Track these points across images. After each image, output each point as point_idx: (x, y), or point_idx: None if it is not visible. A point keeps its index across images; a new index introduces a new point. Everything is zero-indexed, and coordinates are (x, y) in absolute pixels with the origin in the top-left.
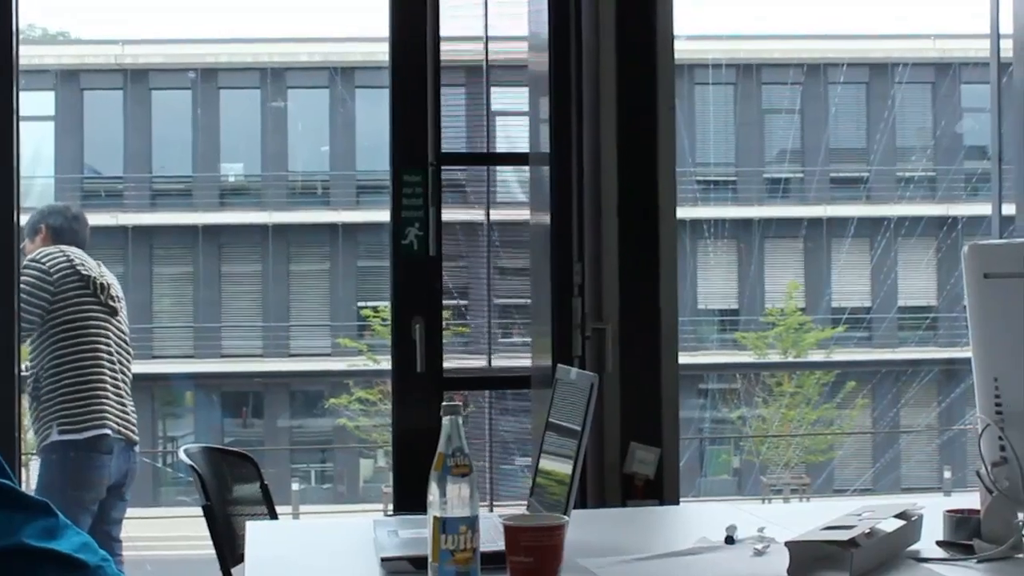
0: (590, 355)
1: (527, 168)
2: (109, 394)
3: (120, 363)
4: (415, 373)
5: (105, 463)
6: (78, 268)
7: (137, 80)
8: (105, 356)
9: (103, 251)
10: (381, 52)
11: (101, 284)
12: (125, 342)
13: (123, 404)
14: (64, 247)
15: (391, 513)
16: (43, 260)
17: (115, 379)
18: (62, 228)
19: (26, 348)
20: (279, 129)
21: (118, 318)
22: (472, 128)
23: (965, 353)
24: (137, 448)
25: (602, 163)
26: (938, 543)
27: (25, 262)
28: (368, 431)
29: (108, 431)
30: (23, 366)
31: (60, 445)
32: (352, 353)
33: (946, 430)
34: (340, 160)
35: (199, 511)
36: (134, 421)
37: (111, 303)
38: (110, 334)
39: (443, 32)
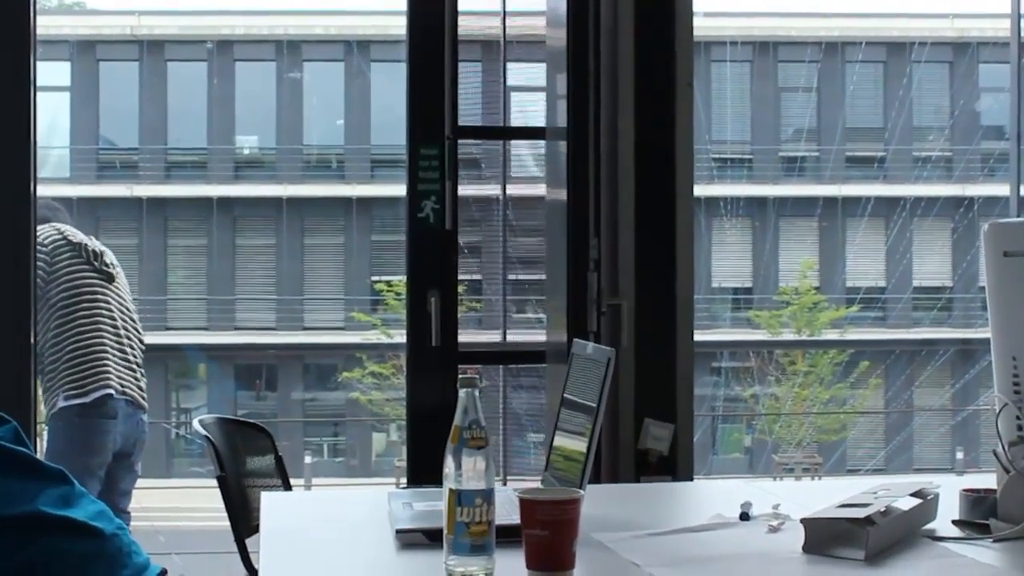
0: (605, 331)
1: (543, 144)
2: (109, 356)
3: (124, 328)
4: (430, 347)
5: (111, 427)
6: (68, 238)
7: (153, 51)
8: (106, 320)
9: (117, 223)
10: (398, 25)
11: (93, 251)
12: (127, 307)
13: (130, 368)
14: (53, 223)
15: (404, 486)
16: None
17: (119, 343)
18: (44, 215)
19: None
20: (294, 102)
21: (116, 284)
22: (488, 103)
23: (980, 334)
24: (145, 417)
25: (619, 139)
26: (954, 522)
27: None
28: (381, 405)
29: (112, 391)
30: None
31: (66, 411)
32: (366, 327)
33: (960, 411)
34: (355, 134)
35: (213, 482)
36: (142, 385)
37: (106, 268)
38: (109, 299)
39: (461, 6)
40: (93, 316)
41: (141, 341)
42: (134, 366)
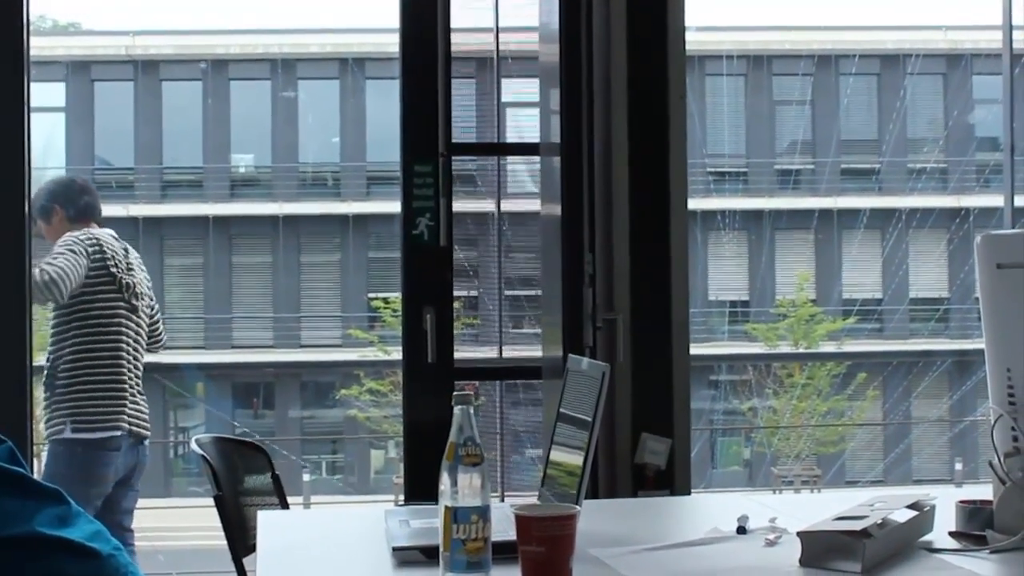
0: (601, 345)
1: (537, 160)
2: (126, 395)
3: (135, 359)
4: (426, 363)
5: (113, 460)
6: (108, 265)
7: (148, 71)
8: (127, 356)
9: None
10: (392, 43)
11: (126, 284)
12: (142, 337)
13: (136, 403)
14: (95, 233)
15: (402, 503)
16: (86, 242)
17: (134, 379)
18: (76, 206)
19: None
20: (290, 120)
21: (139, 315)
22: (482, 119)
23: (977, 345)
24: (147, 443)
25: (613, 154)
26: (951, 534)
27: (67, 240)
28: (379, 422)
29: (120, 432)
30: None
31: (70, 442)
32: (363, 344)
33: (957, 422)
34: (350, 151)
35: (211, 501)
36: (146, 417)
37: (134, 301)
38: (131, 331)
39: (454, 23)
40: (115, 349)
41: (143, 364)
42: (139, 399)
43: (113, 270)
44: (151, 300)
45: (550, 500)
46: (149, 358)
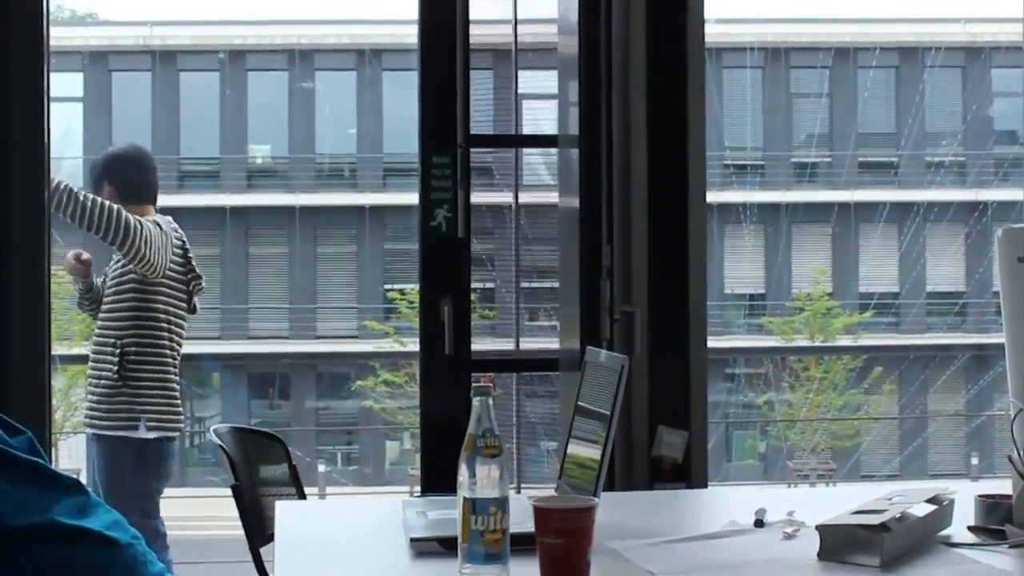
0: (618, 338)
1: (555, 152)
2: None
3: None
4: (443, 355)
5: (175, 452)
6: (190, 258)
7: (165, 62)
8: (179, 350)
9: None
10: (410, 34)
11: (200, 286)
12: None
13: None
14: (162, 225)
15: (418, 495)
16: (169, 227)
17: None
18: (127, 181)
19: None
20: (307, 111)
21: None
22: (500, 111)
23: (994, 339)
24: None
25: (631, 146)
26: (969, 528)
27: (150, 225)
28: (394, 413)
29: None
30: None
31: (141, 440)
32: (379, 335)
33: (974, 416)
34: (367, 142)
35: (228, 491)
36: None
37: (195, 298)
38: (184, 328)
39: (472, 15)
40: (178, 351)
41: None
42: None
43: (193, 264)
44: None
45: (568, 492)
46: None
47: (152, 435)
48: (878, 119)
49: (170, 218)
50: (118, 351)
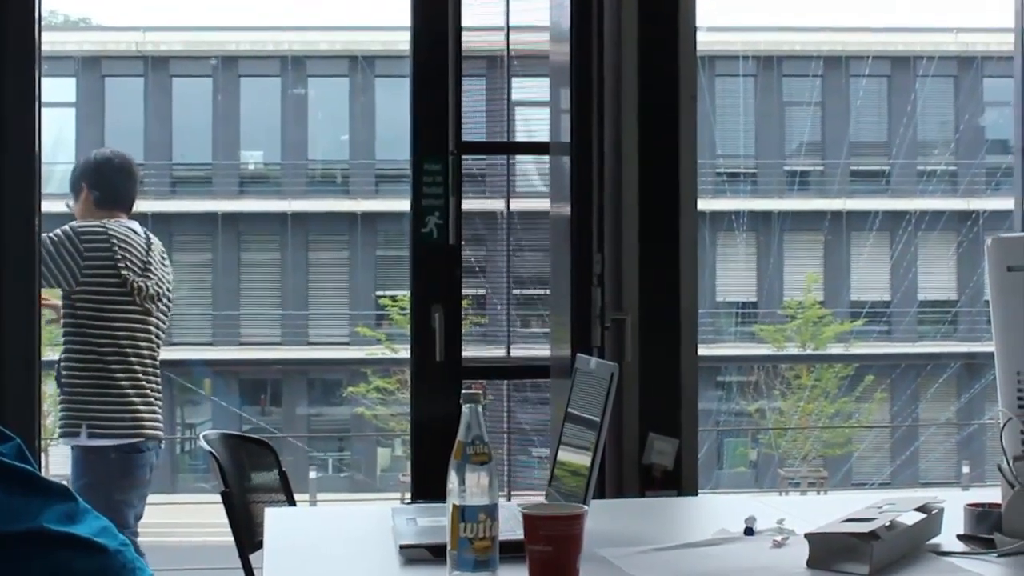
0: (609, 345)
1: (547, 159)
2: (145, 398)
3: (150, 362)
4: (434, 362)
5: (147, 460)
6: (119, 266)
7: (158, 67)
8: (135, 357)
9: None
10: (402, 41)
11: (138, 287)
12: (158, 339)
13: (153, 407)
14: (109, 225)
15: (409, 502)
16: (82, 236)
17: (149, 380)
18: (106, 186)
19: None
20: (299, 117)
21: (155, 316)
22: (492, 118)
23: (986, 348)
24: (162, 445)
25: (623, 153)
26: (959, 537)
27: (66, 229)
28: (386, 420)
29: (142, 437)
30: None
31: (101, 449)
32: (370, 342)
33: (966, 425)
34: (360, 149)
35: (218, 497)
36: (161, 420)
37: (147, 304)
38: (142, 332)
39: (465, 22)
40: (124, 355)
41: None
42: (156, 404)
43: (124, 272)
44: (168, 301)
45: (557, 500)
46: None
47: (107, 443)
48: (870, 128)
49: (134, 225)
50: (59, 358)
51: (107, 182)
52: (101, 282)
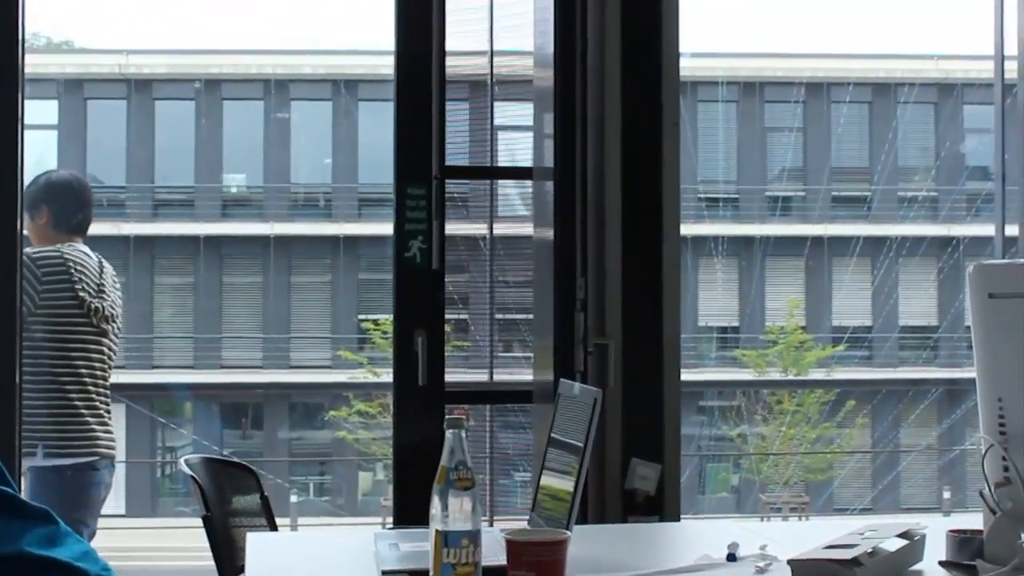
0: (592, 370)
1: (530, 183)
2: (99, 418)
3: (103, 382)
4: (416, 386)
5: (102, 479)
6: (77, 289)
7: (141, 90)
8: (90, 378)
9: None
10: (385, 65)
11: (94, 308)
12: (110, 360)
13: (107, 426)
14: (65, 252)
15: (390, 526)
16: (39, 263)
17: (102, 401)
18: (68, 212)
19: None
20: (282, 141)
21: (109, 337)
22: (476, 143)
23: (967, 374)
24: (115, 464)
25: (606, 178)
26: (941, 563)
27: (22, 258)
28: (367, 444)
29: (97, 456)
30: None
31: (56, 468)
32: (352, 366)
33: (947, 450)
34: (342, 172)
35: (198, 522)
36: (114, 440)
37: (103, 325)
38: (95, 354)
39: (448, 46)
40: (79, 376)
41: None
42: (110, 423)
43: (81, 294)
44: (118, 323)
45: (540, 525)
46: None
47: (60, 461)
48: (851, 154)
49: (86, 248)
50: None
51: (67, 206)
52: (59, 307)
